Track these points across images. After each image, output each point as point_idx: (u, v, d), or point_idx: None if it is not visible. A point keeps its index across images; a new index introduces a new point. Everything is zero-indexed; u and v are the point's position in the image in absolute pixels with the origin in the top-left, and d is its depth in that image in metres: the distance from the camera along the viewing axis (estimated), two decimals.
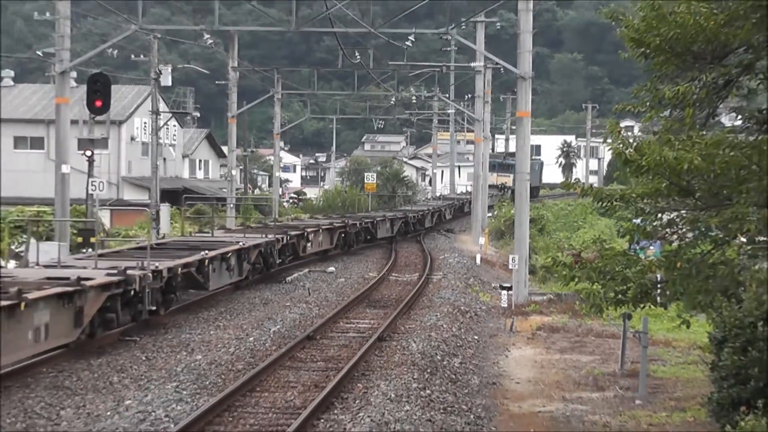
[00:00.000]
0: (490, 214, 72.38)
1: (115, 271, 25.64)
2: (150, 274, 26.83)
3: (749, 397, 14.51)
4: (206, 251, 33.46)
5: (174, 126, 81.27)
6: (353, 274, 45.75)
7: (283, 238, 44.35)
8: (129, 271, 25.87)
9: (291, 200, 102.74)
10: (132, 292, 25.95)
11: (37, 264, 29.95)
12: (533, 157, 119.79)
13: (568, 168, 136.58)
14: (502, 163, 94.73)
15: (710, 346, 16.66)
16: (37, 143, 74.12)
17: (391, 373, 22.19)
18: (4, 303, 19.74)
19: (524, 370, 24.72)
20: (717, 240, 16.12)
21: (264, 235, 42.80)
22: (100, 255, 31.14)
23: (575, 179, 23.41)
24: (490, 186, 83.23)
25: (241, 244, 37.70)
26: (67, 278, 23.65)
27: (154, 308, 27.68)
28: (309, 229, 50.29)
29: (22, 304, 20.20)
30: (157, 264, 28.09)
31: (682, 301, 16.89)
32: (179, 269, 30.07)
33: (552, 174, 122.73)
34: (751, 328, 15.06)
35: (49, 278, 24.03)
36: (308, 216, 68.62)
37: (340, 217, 62.57)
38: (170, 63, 66.96)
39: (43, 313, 21.44)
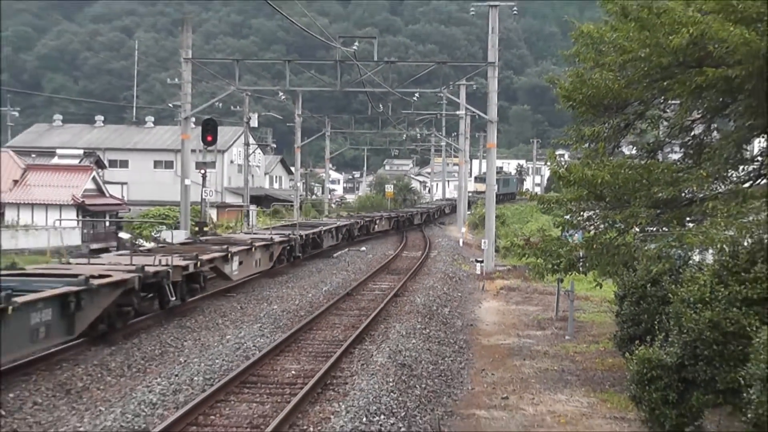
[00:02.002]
0: (469, 212, 72.12)
1: (285, 235, 34.07)
2: (299, 237, 35.30)
3: (641, 334, 14.52)
4: (321, 227, 42.26)
5: (259, 153, 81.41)
6: (378, 252, 45.77)
7: (360, 222, 53.13)
8: (291, 236, 34.44)
9: (336, 203, 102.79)
10: (290, 247, 33.97)
11: (244, 231, 41.20)
12: (511, 174, 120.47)
13: (521, 182, 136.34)
14: (480, 177, 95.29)
15: (615, 300, 16.67)
16: (168, 165, 74.35)
17: (403, 318, 22.28)
18: (244, 247, 27.39)
19: (491, 316, 24.75)
20: (620, 230, 16.13)
21: (349, 220, 51.79)
22: (275, 227, 40.82)
23: (526, 189, 23.44)
24: (479, 192, 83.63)
25: (337, 224, 46.81)
26: (267, 238, 31.39)
27: (299, 255, 35.62)
28: (376, 217, 59.16)
29: (254, 248, 28.17)
30: (301, 233, 36.27)
31: (596, 270, 16.90)
32: (311, 235, 38.39)
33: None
34: (642, 289, 15.08)
35: (252, 239, 30.00)
36: (346, 213, 69.43)
37: (394, 211, 71.49)
38: (256, 111, 67.10)
39: (258, 253, 29.08)
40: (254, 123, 63.82)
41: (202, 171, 43.72)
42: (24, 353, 14.99)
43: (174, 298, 20.68)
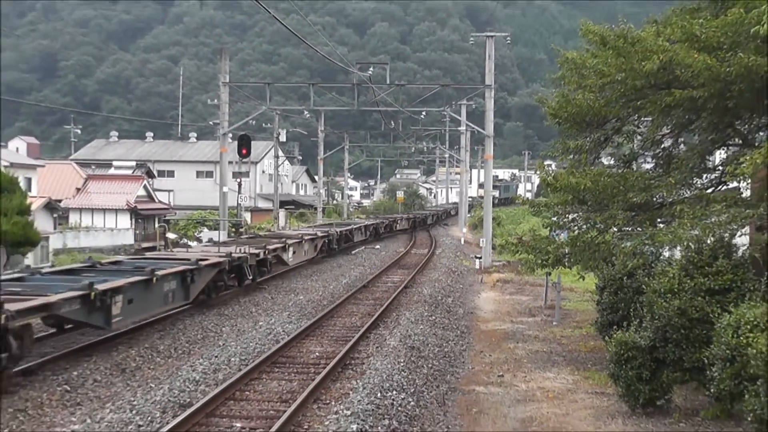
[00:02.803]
0: (469, 214, 72.06)
1: (325, 231, 37.56)
2: (336, 233, 38.53)
3: (618, 320, 14.49)
4: (353, 226, 45.58)
5: (287, 164, 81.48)
6: (390, 249, 45.78)
7: (385, 221, 56.41)
8: (330, 231, 37.87)
9: (354, 207, 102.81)
10: (329, 241, 36.87)
11: (292, 229, 44.39)
12: (511, 181, 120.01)
13: (517, 188, 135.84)
14: (493, 185, 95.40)
15: (596, 291, 16.64)
16: (209, 174, 74.45)
17: (412, 306, 22.29)
18: (296, 240, 30.76)
19: (489, 305, 24.75)
20: (600, 230, 16.10)
21: (376, 220, 55.48)
22: (316, 226, 45.37)
23: (518, 195, 23.38)
24: (482, 196, 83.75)
25: (365, 223, 50.15)
26: (312, 233, 35.18)
27: (336, 247, 38.60)
28: (397, 218, 62.27)
29: (303, 241, 31.63)
30: (337, 230, 39.70)
31: (580, 264, 16.88)
32: (344, 231, 41.77)
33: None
34: (619, 281, 15.05)
35: (301, 234, 33.53)
36: (373, 215, 69.89)
37: (411, 213, 73.28)
38: (285, 128, 67.15)
39: (306, 245, 32.33)
40: (283, 138, 63.99)
41: (238, 180, 43.90)
42: (161, 311, 18.48)
43: (249, 278, 24.10)
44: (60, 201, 52.11)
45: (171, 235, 51.34)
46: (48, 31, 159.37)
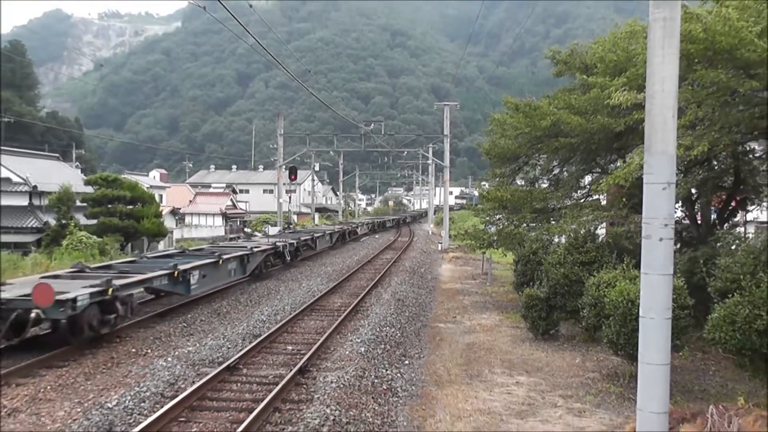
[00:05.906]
0: (435, 216, 71.72)
1: (371, 222, 43.35)
2: (377, 223, 44.26)
3: (527, 281, 14.50)
4: (385, 219, 50.38)
5: (319, 184, 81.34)
6: (384, 238, 45.45)
7: (402, 217, 62.07)
8: (374, 222, 41.64)
9: (362, 212, 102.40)
10: (373, 225, 41.42)
11: (352, 220, 48.86)
12: (474, 194, 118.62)
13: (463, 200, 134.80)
14: (460, 196, 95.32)
15: (514, 264, 16.69)
16: (271, 192, 73.92)
17: (399, 273, 22.26)
18: (360, 225, 37.90)
19: (447, 273, 24.75)
20: (515, 225, 16.16)
21: (398, 216, 60.61)
22: (365, 218, 49.56)
23: (466, 203, 23.25)
24: (457, 204, 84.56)
25: (392, 218, 54.85)
26: (365, 222, 40.94)
27: (376, 229, 43.60)
28: (408, 215, 68.45)
29: (365, 225, 37.76)
30: (377, 221, 45.09)
31: (503, 247, 16.93)
32: (380, 222, 46.96)
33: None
34: (528, 257, 15.04)
35: (361, 222, 41.11)
36: (370, 217, 69.73)
37: (411, 213, 78.53)
38: (318, 162, 66.89)
39: (365, 227, 38.74)
40: (317, 168, 63.99)
41: (289, 195, 43.86)
42: (328, 246, 28.86)
43: (348, 238, 33.42)
44: (179, 209, 52.09)
45: (247, 230, 51.31)
46: (174, 103, 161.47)
